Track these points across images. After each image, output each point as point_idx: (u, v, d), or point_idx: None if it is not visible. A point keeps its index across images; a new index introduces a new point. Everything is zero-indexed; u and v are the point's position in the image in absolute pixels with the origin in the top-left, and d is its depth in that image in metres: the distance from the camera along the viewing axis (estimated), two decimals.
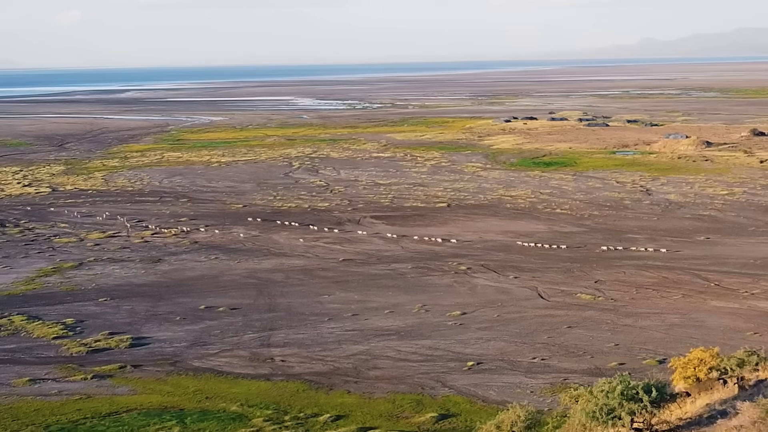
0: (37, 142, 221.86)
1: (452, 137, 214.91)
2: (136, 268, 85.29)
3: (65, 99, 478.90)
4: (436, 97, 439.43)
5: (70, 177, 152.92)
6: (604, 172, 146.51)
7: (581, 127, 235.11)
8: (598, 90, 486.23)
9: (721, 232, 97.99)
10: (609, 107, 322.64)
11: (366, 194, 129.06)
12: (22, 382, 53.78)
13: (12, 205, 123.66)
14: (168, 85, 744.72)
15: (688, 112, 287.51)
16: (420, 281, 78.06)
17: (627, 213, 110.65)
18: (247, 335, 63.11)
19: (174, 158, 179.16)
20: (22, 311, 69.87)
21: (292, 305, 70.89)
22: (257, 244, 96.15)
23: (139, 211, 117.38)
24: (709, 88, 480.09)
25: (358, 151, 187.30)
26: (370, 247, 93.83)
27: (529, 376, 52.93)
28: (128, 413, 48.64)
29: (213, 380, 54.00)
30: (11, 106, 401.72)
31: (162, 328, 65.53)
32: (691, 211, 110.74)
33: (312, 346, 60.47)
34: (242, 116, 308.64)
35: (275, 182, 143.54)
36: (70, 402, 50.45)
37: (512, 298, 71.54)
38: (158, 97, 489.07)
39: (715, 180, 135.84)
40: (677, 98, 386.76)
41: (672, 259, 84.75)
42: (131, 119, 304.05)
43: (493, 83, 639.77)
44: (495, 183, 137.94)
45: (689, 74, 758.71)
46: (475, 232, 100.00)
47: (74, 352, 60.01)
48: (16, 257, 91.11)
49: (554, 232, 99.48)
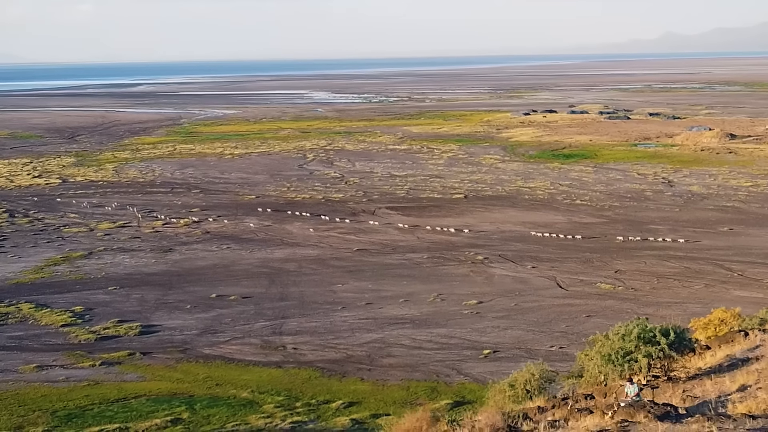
0: (47, 134, 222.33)
1: (470, 130, 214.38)
2: (146, 258, 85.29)
3: (76, 93, 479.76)
4: (454, 91, 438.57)
5: (80, 169, 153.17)
6: (625, 164, 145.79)
7: (602, 120, 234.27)
8: (619, 84, 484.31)
9: (745, 223, 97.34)
10: (630, 101, 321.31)
11: (381, 185, 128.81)
12: (29, 369, 53.77)
13: (21, 196, 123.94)
14: (180, 79, 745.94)
15: (712, 105, 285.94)
16: (435, 271, 77.76)
17: (648, 204, 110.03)
18: (258, 323, 62.95)
19: (186, 150, 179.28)
20: (30, 299, 69.93)
21: (304, 294, 70.72)
22: (270, 234, 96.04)
23: (150, 202, 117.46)
24: (733, 82, 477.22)
25: (374, 143, 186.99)
26: (384, 237, 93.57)
27: (546, 365, 52.50)
28: (137, 399, 48.56)
29: (223, 367, 53.88)
30: (21, 100, 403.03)
31: (172, 316, 65.46)
32: (714, 203, 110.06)
33: (325, 334, 60.27)
34: (256, 109, 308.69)
35: (289, 174, 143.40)
36: (78, 388, 50.39)
37: (530, 288, 71.18)
38: (171, 91, 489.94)
39: (739, 172, 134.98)
40: (700, 92, 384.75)
41: (694, 249, 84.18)
42: (143, 112, 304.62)
43: (511, 77, 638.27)
44: (513, 175, 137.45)
45: (712, 68, 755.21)
46: (493, 223, 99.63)
47: (82, 339, 60.00)
48: (24, 246, 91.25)
49: (573, 223, 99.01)
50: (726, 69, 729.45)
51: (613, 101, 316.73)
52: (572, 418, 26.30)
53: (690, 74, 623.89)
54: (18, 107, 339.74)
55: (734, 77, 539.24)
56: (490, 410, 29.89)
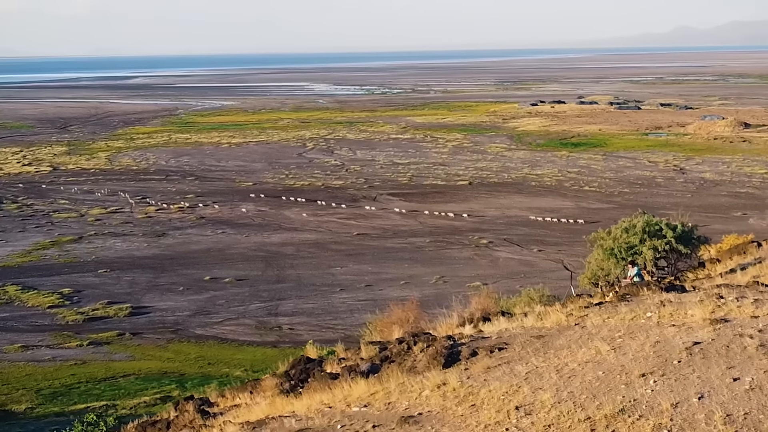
0: (39, 124, 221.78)
1: (475, 120, 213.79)
2: (138, 242, 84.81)
3: (70, 85, 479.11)
4: (459, 82, 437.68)
5: (72, 157, 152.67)
6: (636, 153, 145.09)
7: (612, 110, 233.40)
8: (630, 76, 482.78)
9: (759, 208, 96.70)
10: (641, 92, 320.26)
11: (383, 173, 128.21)
12: (14, 349, 53.29)
13: (11, 183, 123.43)
14: (178, 71, 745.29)
15: (725, 96, 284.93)
16: (438, 254, 77.20)
17: (659, 190, 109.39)
18: (253, 305, 62.47)
19: (182, 139, 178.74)
20: (16, 282, 69.47)
21: (302, 276, 70.23)
22: (267, 219, 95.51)
23: (143, 189, 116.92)
24: (747, 74, 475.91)
25: (376, 132, 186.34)
26: (385, 222, 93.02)
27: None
28: (125, 378, 48.07)
29: (216, 347, 53.42)
30: (12, 92, 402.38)
31: (164, 298, 64.99)
32: (727, 189, 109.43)
33: (322, 315, 59.75)
34: (255, 101, 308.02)
35: (288, 162, 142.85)
36: (64, 367, 49.92)
37: (536, 270, 70.61)
38: (167, 83, 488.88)
39: (754, 160, 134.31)
40: (714, 84, 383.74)
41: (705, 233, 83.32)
42: (138, 104, 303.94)
43: (519, 70, 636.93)
44: (519, 162, 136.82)
45: (726, 61, 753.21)
46: (498, 209, 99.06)
47: (70, 320, 59.55)
48: (12, 231, 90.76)
49: (581, 209, 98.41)
50: (740, 62, 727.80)
51: (623, 93, 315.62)
52: (570, 303, 25.93)
53: (703, 67, 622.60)
54: (9, 99, 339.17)
55: (749, 70, 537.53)
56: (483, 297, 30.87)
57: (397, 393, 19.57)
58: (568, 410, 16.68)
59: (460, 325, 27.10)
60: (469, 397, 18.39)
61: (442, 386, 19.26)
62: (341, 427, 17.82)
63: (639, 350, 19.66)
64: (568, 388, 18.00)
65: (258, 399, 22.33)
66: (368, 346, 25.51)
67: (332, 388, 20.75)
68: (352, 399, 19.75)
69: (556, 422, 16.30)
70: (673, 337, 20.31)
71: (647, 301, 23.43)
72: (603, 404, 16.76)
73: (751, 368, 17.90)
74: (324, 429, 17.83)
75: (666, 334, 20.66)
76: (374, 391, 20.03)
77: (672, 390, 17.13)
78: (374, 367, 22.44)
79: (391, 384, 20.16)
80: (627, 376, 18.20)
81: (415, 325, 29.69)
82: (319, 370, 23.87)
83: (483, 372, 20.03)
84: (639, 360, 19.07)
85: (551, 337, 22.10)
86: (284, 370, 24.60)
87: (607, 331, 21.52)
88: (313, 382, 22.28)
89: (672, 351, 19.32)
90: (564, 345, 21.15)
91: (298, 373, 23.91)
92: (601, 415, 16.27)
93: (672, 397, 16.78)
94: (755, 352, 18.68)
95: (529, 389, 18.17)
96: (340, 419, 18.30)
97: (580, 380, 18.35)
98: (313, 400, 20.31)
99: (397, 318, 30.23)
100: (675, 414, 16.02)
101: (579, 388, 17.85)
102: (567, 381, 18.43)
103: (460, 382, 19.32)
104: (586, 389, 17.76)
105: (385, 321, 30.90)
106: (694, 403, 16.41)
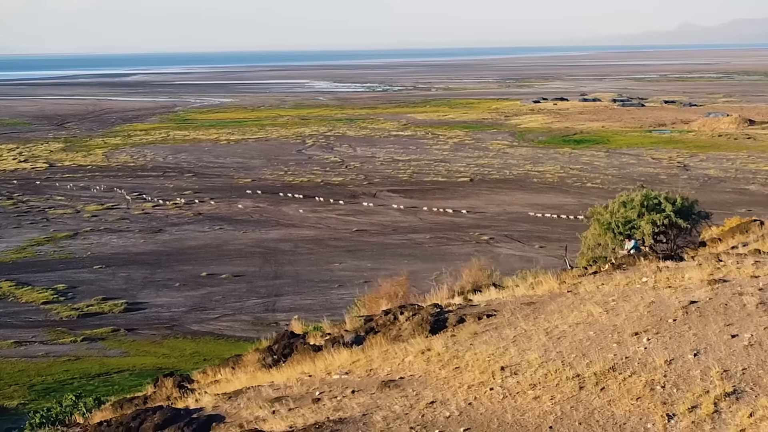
0: (35, 121, 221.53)
1: (477, 117, 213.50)
2: (134, 238, 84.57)
3: (67, 82, 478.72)
4: (461, 80, 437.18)
5: (69, 154, 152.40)
6: (639, 149, 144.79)
7: (615, 107, 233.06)
8: (634, 74, 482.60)
9: (763, 204, 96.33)
10: (645, 89, 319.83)
11: (383, 170, 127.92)
12: (7, 345, 53.11)
13: (6, 180, 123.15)
14: (176, 69, 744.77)
15: (730, 93, 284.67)
16: (438, 250, 76.99)
17: (663, 187, 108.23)
18: (250, 301, 62.26)
19: (180, 136, 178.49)
20: (10, 278, 69.24)
21: (300, 273, 69.98)
22: (265, 215, 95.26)
23: (140, 186, 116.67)
24: (752, 71, 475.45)
25: (377, 129, 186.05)
26: (385, 218, 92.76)
27: None
28: (119, 374, 47.91)
29: (212, 343, 53.20)
30: (8, 89, 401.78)
31: (160, 293, 64.77)
32: (731, 185, 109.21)
33: (320, 311, 59.28)
34: (254, 98, 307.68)
35: (286, 158, 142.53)
36: (57, 363, 49.72)
37: (537, 266, 70.19)
38: (166, 81, 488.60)
39: (759, 156, 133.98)
40: (718, 81, 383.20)
41: None
42: (136, 101, 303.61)
43: (521, 67, 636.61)
44: (522, 159, 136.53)
45: (731, 59, 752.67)
46: (499, 205, 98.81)
47: (64, 316, 59.40)
48: (7, 228, 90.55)
49: (584, 205, 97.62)
50: (745, 59, 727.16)
51: (626, 90, 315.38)
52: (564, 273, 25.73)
53: (707, 64, 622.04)
54: (4, 96, 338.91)
55: (754, 67, 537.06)
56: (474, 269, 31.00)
57: (380, 360, 19.37)
58: (555, 369, 16.49)
59: (450, 298, 26.84)
60: (454, 360, 18.17)
61: (426, 351, 19.06)
62: (319, 394, 17.56)
63: (633, 311, 19.45)
64: (557, 348, 17.81)
65: (239, 374, 22.10)
66: (354, 319, 25.24)
67: (315, 360, 20.51)
68: (333, 368, 19.55)
69: (543, 381, 16.12)
70: (668, 298, 20.11)
71: (644, 269, 23.21)
72: (593, 362, 16.57)
73: (750, 325, 17.71)
74: (302, 396, 17.58)
75: (662, 295, 20.46)
76: (356, 359, 19.86)
77: (666, 347, 16.94)
78: (358, 338, 22.26)
79: (374, 352, 19.96)
80: (619, 335, 18.01)
81: (404, 300, 29.43)
82: (302, 343, 23.63)
83: (470, 337, 19.80)
84: (632, 320, 18.86)
85: (542, 304, 21.90)
86: (267, 345, 24.38)
87: (600, 296, 21.31)
88: (296, 355, 22.04)
89: (667, 310, 19.11)
90: (555, 310, 20.94)
91: (281, 347, 23.68)
92: (590, 372, 16.08)
93: (666, 354, 16.59)
94: (755, 309, 18.47)
95: (517, 350, 17.96)
96: (319, 386, 18.07)
97: (569, 340, 18.14)
98: (294, 371, 20.08)
99: (385, 293, 29.98)
100: (669, 370, 15.84)
101: (568, 348, 17.65)
102: (556, 341, 18.23)
103: (446, 348, 19.09)
104: (576, 349, 17.56)
105: (373, 296, 30.64)
106: (690, 360, 16.23)
